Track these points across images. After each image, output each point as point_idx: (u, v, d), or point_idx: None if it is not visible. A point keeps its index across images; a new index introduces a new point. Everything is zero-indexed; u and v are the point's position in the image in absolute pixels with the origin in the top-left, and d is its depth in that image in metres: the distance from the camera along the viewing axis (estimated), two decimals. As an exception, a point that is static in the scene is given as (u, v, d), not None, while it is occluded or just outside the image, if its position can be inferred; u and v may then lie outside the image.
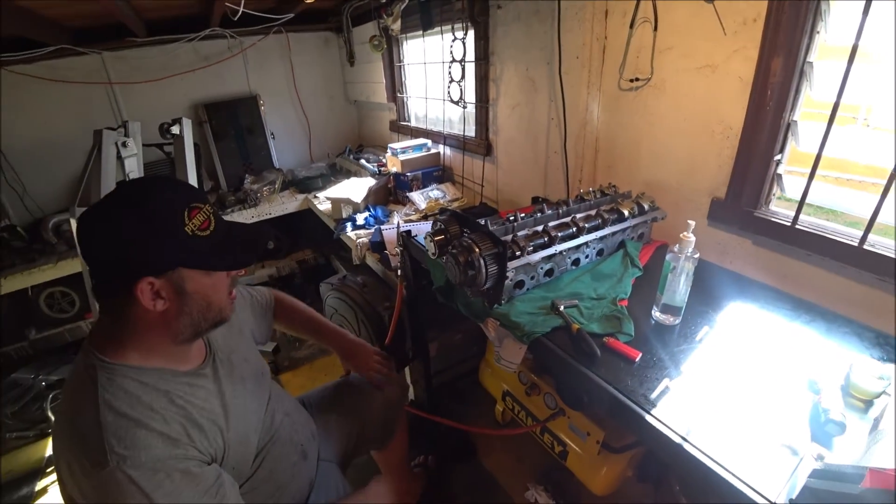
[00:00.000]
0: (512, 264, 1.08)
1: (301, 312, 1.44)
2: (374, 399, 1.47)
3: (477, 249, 1.03)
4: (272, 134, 3.75)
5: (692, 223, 1.10)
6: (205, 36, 3.21)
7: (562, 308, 1.16)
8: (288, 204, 3.31)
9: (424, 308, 1.72)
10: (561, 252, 1.25)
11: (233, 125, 3.57)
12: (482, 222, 1.15)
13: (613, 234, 1.39)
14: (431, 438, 1.97)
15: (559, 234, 1.23)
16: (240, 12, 2.30)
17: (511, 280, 1.12)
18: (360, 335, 1.89)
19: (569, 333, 1.10)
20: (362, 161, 3.36)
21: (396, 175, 2.76)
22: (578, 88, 1.78)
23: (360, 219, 2.50)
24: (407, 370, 2.04)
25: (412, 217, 2.41)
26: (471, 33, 2.20)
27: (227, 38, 3.37)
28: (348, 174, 3.51)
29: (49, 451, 2.61)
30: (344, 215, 2.64)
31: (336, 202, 2.71)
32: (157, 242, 0.76)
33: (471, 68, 2.28)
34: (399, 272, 1.65)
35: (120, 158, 2.08)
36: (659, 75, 1.49)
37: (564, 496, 1.77)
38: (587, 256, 1.38)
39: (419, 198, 2.54)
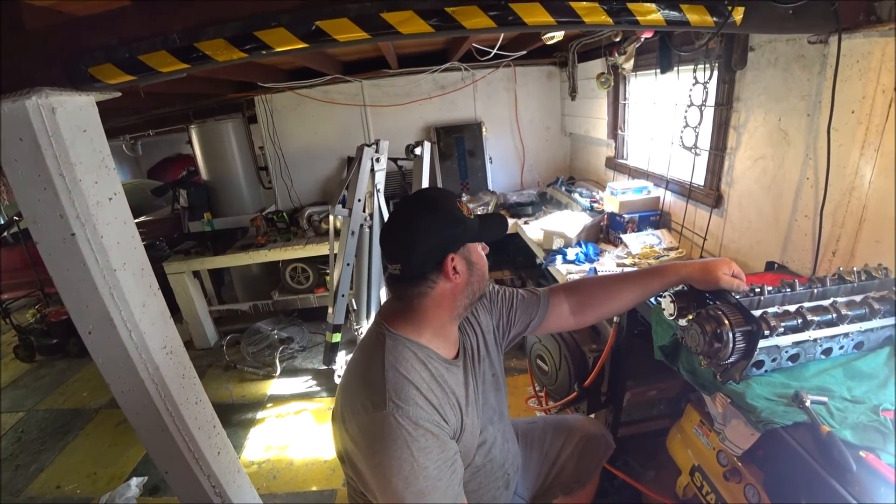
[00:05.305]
0: (760, 344, 1.00)
1: (596, 278, 1.45)
2: (576, 445, 1.47)
3: (727, 322, 0.98)
4: (490, 158, 4.10)
5: None
6: (445, 68, 3.72)
7: (808, 402, 1.02)
8: None
9: (628, 356, 1.68)
10: (814, 339, 1.10)
11: (457, 147, 4.02)
12: (730, 292, 1.09)
13: (882, 327, 1.17)
14: (602, 490, 1.90)
15: (816, 320, 1.09)
16: (491, 53, 2.57)
17: (753, 359, 1.04)
18: (559, 371, 1.91)
19: (814, 434, 0.97)
20: (575, 195, 3.38)
21: (612, 214, 2.70)
22: (850, 148, 1.53)
23: (571, 254, 2.49)
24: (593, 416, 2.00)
25: (625, 261, 2.32)
26: (714, 75, 2.07)
27: (462, 71, 3.86)
28: (558, 205, 3.57)
29: (270, 391, 3.23)
30: (554, 247, 2.64)
31: (549, 234, 2.73)
32: (453, 228, 1.01)
33: (708, 112, 2.14)
34: (615, 319, 1.65)
35: (372, 171, 2.50)
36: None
37: None
38: (842, 348, 1.18)
39: (633, 241, 2.44)
